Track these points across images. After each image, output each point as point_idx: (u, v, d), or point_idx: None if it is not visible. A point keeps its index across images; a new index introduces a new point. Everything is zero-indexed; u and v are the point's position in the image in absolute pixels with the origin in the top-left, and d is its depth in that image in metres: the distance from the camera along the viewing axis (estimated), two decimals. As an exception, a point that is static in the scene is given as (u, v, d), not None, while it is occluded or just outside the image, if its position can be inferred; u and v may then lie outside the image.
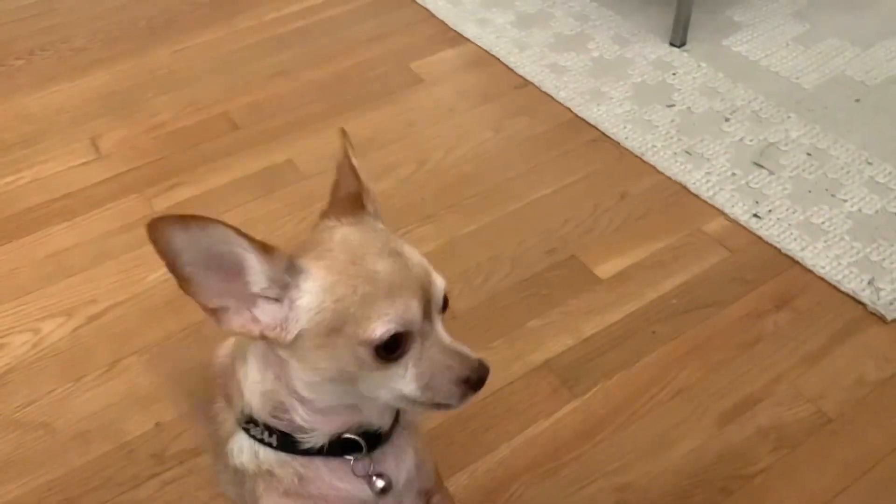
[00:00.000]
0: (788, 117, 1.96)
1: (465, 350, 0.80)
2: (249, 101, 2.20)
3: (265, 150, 2.03)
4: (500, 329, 1.57)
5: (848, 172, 1.81)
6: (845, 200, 1.74)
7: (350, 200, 0.85)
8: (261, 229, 1.81)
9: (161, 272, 1.71)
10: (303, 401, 0.79)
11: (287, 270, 0.74)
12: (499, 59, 2.25)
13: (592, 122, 2.02)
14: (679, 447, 1.37)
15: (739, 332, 1.53)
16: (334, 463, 0.83)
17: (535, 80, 2.16)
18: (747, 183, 1.80)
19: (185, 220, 0.69)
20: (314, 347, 0.75)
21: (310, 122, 2.11)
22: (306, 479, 0.83)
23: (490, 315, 1.60)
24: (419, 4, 2.50)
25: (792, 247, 1.65)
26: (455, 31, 2.38)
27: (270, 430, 0.81)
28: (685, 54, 2.19)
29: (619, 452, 1.37)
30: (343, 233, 0.80)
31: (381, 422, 0.85)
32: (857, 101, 2.00)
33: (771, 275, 1.63)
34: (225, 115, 2.16)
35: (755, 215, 1.73)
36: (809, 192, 1.77)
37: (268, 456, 0.83)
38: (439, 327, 0.80)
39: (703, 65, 2.14)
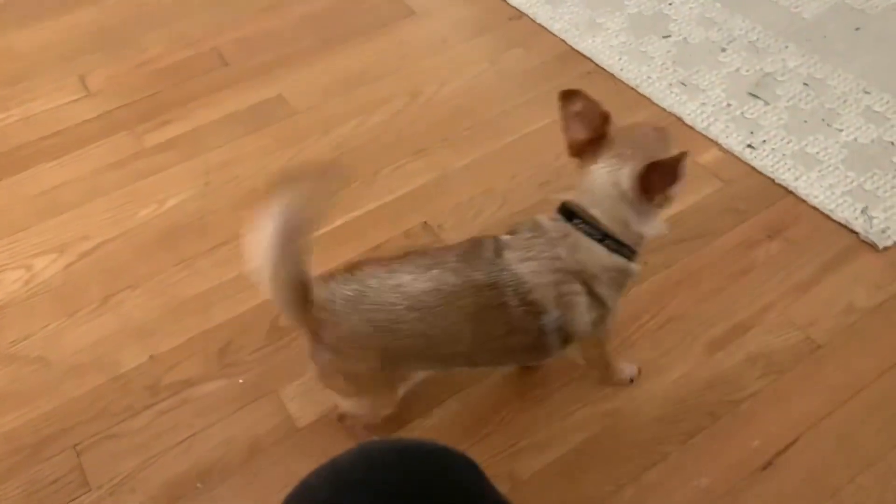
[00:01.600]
0: (786, 47, 1.92)
1: None
2: (239, 35, 2.16)
3: (256, 86, 2.00)
4: (491, 261, 1.57)
5: (845, 102, 1.78)
6: (841, 130, 1.72)
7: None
8: (251, 165, 1.80)
9: (152, 208, 1.75)
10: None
11: None
12: (493, -10, 2.21)
13: (587, 54, 1.98)
14: (668, 374, 1.38)
15: (731, 262, 1.53)
16: None
17: (529, 12, 2.12)
18: (742, 113, 1.78)
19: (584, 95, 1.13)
20: None
21: (300, 56, 2.08)
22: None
23: (482, 247, 1.60)
24: (412, -65, 2.44)
25: (786, 177, 1.64)
26: (448, -38, 2.33)
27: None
28: (683, -17, 2.14)
29: (607, 380, 1.39)
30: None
31: None
32: (857, 29, 1.96)
33: (764, 205, 1.62)
34: (215, 51, 2.12)
35: (749, 146, 1.71)
36: (805, 122, 1.75)
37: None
38: None
39: (702, -6, 2.10)
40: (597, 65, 1.96)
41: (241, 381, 1.41)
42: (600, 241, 1.08)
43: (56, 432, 1.36)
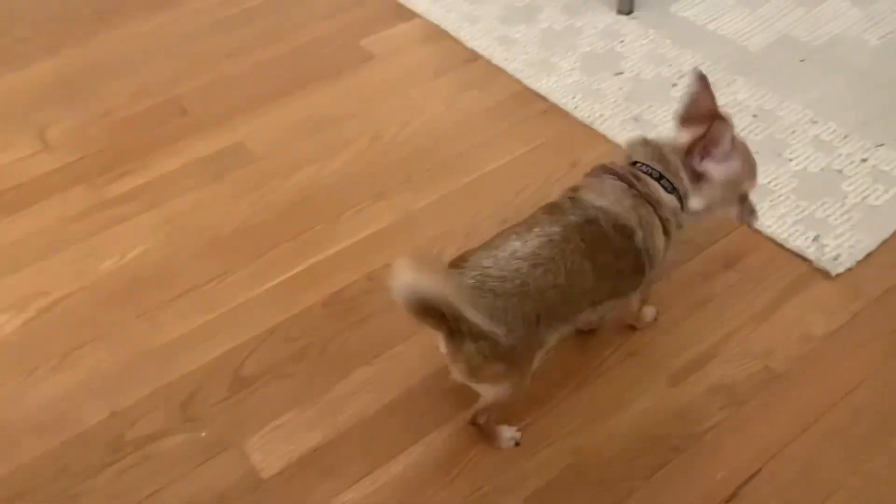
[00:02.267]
0: (735, 80, 1.98)
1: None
2: (200, 84, 2.18)
3: (216, 133, 2.01)
4: (454, 301, 1.58)
5: (794, 132, 1.83)
6: (791, 160, 1.77)
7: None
8: (213, 213, 1.80)
9: (113, 260, 1.74)
10: None
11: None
12: (449, 34, 2.24)
13: (543, 93, 2.02)
14: (631, 408, 1.39)
15: (690, 293, 1.56)
16: None
17: (485, 54, 2.16)
18: (696, 147, 1.82)
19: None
20: None
21: (261, 102, 2.09)
22: None
23: (444, 288, 1.61)
24: (368, -20, 2.49)
25: (739, 208, 1.68)
26: (405, 6, 2.37)
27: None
28: (633, 22, 2.19)
29: (572, 416, 1.39)
30: None
31: None
32: (802, 61, 2.02)
33: (719, 235, 1.65)
34: (175, 100, 2.13)
35: (704, 178, 1.75)
36: (756, 153, 1.74)
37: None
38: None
39: (651, 31, 2.15)
40: (552, 103, 2.00)
41: (203, 434, 1.40)
42: (657, 179, 1.24)
43: (13, 496, 1.33)
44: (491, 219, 1.74)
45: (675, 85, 1.99)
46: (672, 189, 1.25)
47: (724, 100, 1.93)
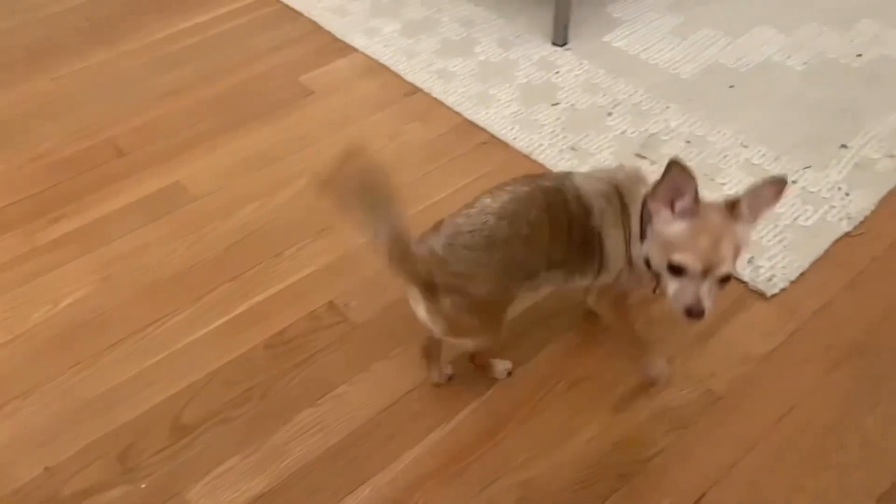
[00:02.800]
0: (668, 108, 2.03)
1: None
2: (137, 124, 2.15)
3: (153, 174, 1.98)
4: (400, 337, 1.57)
5: (725, 157, 1.88)
6: (724, 184, 1.81)
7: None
8: (151, 255, 1.77)
9: (46, 309, 1.69)
10: None
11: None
12: (388, 68, 2.26)
13: (482, 125, 2.04)
14: (577, 438, 1.40)
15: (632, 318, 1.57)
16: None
17: (424, 87, 2.17)
18: (632, 174, 1.86)
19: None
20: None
21: (199, 141, 2.07)
22: None
23: (389, 323, 1.60)
24: (306, 17, 2.49)
25: (676, 233, 1.71)
26: (343, 41, 2.38)
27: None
28: (568, 53, 2.24)
29: (520, 448, 1.39)
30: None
31: None
32: (732, 87, 2.09)
33: (658, 261, 1.68)
34: (111, 141, 2.09)
35: (641, 205, 1.78)
36: (691, 178, 1.83)
37: None
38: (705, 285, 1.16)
39: (586, 62, 2.20)
40: (491, 135, 2.02)
41: (143, 485, 1.36)
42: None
43: (-59, 562, 1.27)
44: (434, 252, 1.74)
45: (609, 114, 2.03)
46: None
47: (658, 127, 1.98)
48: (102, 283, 1.71)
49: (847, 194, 1.77)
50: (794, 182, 1.80)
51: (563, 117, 2.03)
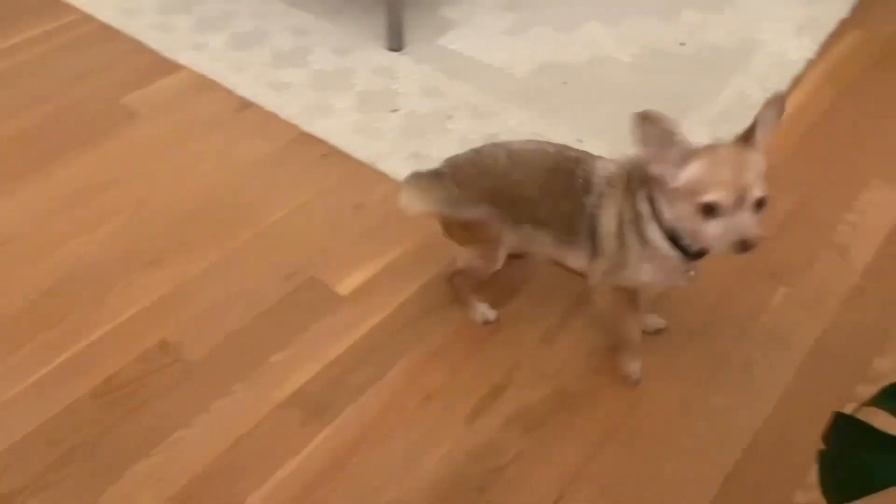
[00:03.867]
0: (505, 108, 2.03)
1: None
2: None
3: (-45, 218, 1.78)
4: (240, 371, 1.48)
5: (563, 152, 1.90)
6: (563, 180, 1.83)
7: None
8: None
9: None
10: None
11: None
12: (218, 83, 2.15)
13: (320, 136, 1.97)
14: (433, 454, 1.35)
15: (479, 326, 1.55)
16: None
17: (257, 101, 2.08)
18: (474, 176, 1.84)
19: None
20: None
21: (9, 179, 1.89)
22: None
23: (228, 357, 1.50)
24: (126, 35, 2.33)
25: (520, 232, 1.70)
26: (168, 59, 2.24)
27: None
28: (404, 58, 2.20)
29: (374, 473, 1.33)
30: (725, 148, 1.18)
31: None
32: (565, 83, 2.11)
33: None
34: None
35: (484, 207, 1.76)
36: (531, 176, 1.83)
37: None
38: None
39: (423, 66, 2.17)
40: (331, 146, 1.95)
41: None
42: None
43: None
44: (276, 275, 1.65)
45: (450, 117, 2.01)
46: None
47: (497, 128, 1.98)
48: None
49: (679, 180, 1.82)
50: (629, 172, 1.84)
51: (403, 123, 1.99)
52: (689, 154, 1.15)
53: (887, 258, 1.65)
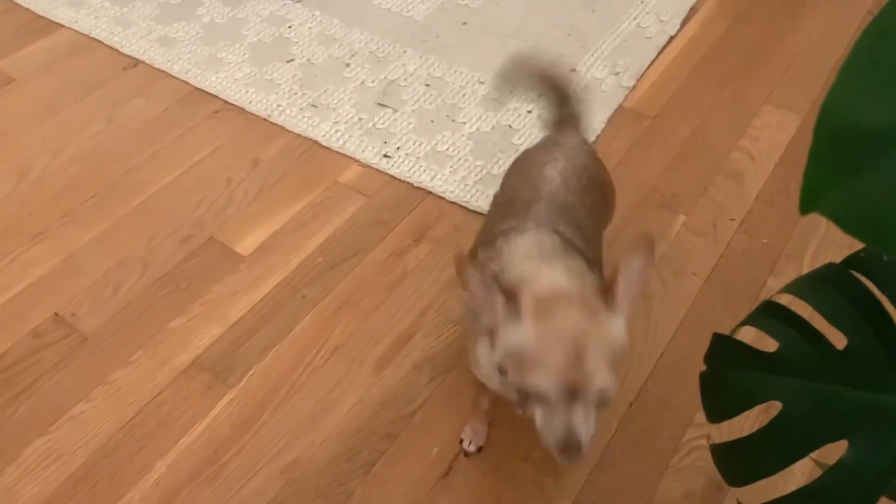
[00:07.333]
0: (405, 52, 1.98)
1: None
2: None
3: None
4: (139, 339, 1.43)
5: (464, 95, 1.87)
6: (465, 123, 1.80)
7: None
8: None
9: None
10: None
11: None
12: (101, 42, 2.03)
13: (213, 91, 1.89)
14: (341, 407, 1.34)
15: (385, 275, 1.53)
16: None
17: (145, 58, 1.98)
18: (374, 125, 1.80)
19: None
20: None
21: None
22: None
23: (126, 327, 1.45)
24: (-3, -6, 2.18)
25: (422, 178, 1.68)
26: (46, 18, 2.11)
27: None
28: (298, 6, 2.12)
29: (281, 431, 1.31)
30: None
31: None
32: (464, 24, 2.07)
33: (407, 211, 1.64)
34: None
35: (385, 155, 1.73)
36: (432, 121, 1.81)
37: None
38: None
39: (318, 13, 2.09)
40: (224, 101, 1.88)
41: None
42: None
43: None
44: (170, 239, 1.60)
45: (347, 65, 1.95)
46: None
47: (396, 73, 1.93)
48: None
49: (579, 117, 1.82)
50: (529, 112, 1.83)
51: (299, 73, 1.93)
52: (520, 309, 0.87)
53: (778, 180, 1.70)
